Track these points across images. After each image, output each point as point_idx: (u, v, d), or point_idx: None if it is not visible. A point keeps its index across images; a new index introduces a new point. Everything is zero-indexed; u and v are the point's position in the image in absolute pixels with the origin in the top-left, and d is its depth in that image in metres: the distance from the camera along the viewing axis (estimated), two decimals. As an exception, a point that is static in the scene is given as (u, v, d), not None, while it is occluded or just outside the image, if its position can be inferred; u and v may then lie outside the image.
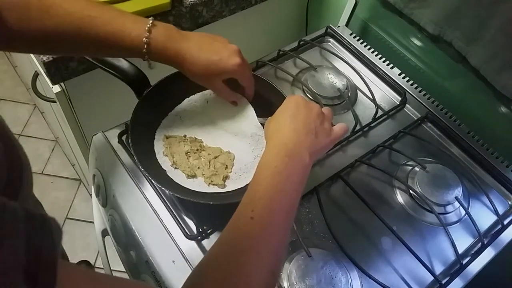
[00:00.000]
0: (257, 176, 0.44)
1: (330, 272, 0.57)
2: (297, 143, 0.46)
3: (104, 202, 0.68)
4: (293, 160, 0.45)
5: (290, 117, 0.49)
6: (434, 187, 0.68)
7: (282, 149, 0.45)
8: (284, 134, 0.47)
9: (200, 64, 0.55)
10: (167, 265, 0.57)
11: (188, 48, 0.54)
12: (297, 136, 0.47)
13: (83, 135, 0.92)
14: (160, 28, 0.53)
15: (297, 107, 0.50)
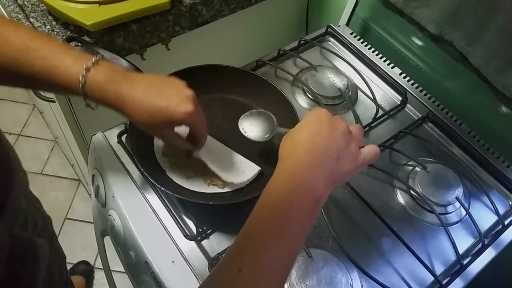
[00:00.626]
0: (256, 213, 0.38)
1: (331, 273, 0.57)
2: (309, 172, 0.39)
3: (103, 202, 0.68)
4: (301, 197, 0.38)
5: (308, 136, 0.41)
6: (435, 187, 0.68)
7: (291, 180, 0.38)
8: (298, 157, 0.40)
9: (144, 111, 0.47)
10: (167, 266, 0.57)
11: (130, 92, 0.47)
12: (312, 162, 0.39)
13: (82, 135, 0.91)
14: (102, 68, 0.46)
15: (319, 124, 0.42)
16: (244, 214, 0.62)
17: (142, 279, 0.60)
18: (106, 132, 0.70)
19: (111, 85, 0.47)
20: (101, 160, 0.66)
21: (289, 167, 0.40)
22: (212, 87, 0.71)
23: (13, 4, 0.76)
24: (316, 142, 0.41)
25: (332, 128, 0.42)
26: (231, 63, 0.72)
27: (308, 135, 0.41)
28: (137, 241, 0.59)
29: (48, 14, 0.75)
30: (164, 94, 0.48)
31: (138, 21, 0.75)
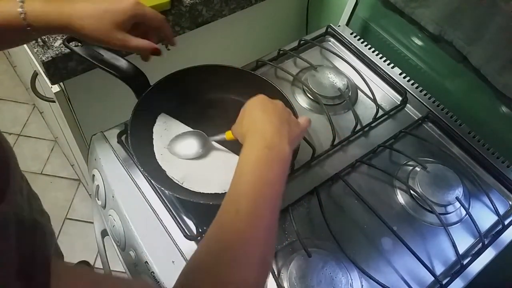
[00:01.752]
0: (239, 170, 0.44)
1: (330, 273, 0.57)
2: (275, 133, 0.45)
3: (103, 202, 0.68)
4: (273, 151, 0.44)
5: (261, 111, 0.48)
6: (435, 187, 0.68)
7: (261, 141, 0.45)
8: (260, 126, 0.46)
9: (91, 16, 0.49)
10: (167, 266, 0.57)
11: (72, 6, 0.49)
12: (274, 126, 0.46)
13: (82, 135, 0.91)
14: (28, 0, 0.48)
15: (264, 103, 0.49)
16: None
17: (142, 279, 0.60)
18: (106, 132, 0.70)
19: (50, 7, 0.48)
20: (101, 160, 0.66)
21: (257, 134, 0.46)
22: (212, 87, 0.71)
23: (13, 4, 0.76)
24: (270, 113, 0.47)
25: (274, 104, 0.49)
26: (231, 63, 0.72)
27: (261, 111, 0.48)
28: (137, 241, 0.59)
29: (48, 14, 0.75)
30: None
31: (138, 21, 0.75)
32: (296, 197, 0.65)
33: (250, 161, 0.43)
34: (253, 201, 0.40)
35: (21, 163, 0.58)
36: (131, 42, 0.54)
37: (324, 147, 0.72)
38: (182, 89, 0.69)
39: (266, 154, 0.43)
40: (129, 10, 0.51)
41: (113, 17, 0.50)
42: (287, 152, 0.45)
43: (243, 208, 0.39)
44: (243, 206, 0.39)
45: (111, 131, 0.69)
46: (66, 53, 0.71)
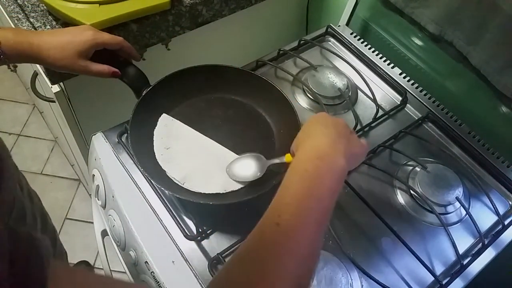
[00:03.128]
0: (286, 181, 0.41)
1: (330, 273, 0.57)
2: (330, 145, 0.43)
3: (103, 203, 0.68)
4: (325, 163, 0.41)
5: (320, 125, 0.47)
6: (435, 187, 0.68)
7: (314, 152, 0.43)
8: (314, 138, 0.45)
9: (56, 47, 0.57)
10: (167, 266, 0.57)
11: (40, 38, 0.57)
12: (330, 139, 0.44)
13: (82, 135, 0.91)
14: (5, 29, 0.56)
15: (325, 118, 0.48)
16: (244, 214, 0.62)
17: (142, 279, 0.60)
18: (106, 132, 0.70)
19: (22, 37, 0.56)
20: (101, 160, 0.66)
21: (310, 146, 0.44)
22: (212, 87, 0.71)
23: (13, 4, 0.76)
24: (329, 127, 0.46)
25: (336, 120, 0.48)
26: (231, 63, 0.72)
27: (320, 124, 0.47)
28: (137, 241, 0.59)
29: (48, 14, 0.75)
30: (67, 31, 0.60)
31: (138, 21, 0.75)
32: (296, 197, 0.65)
33: (298, 172, 0.41)
34: (296, 215, 0.37)
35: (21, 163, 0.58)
36: (92, 68, 0.61)
37: (324, 147, 0.72)
38: (182, 89, 0.69)
39: (317, 165, 0.41)
40: (89, 41, 0.59)
41: (76, 48, 0.58)
42: (341, 165, 0.42)
43: (284, 221, 0.37)
44: (285, 219, 0.37)
45: (111, 131, 0.69)
46: (66, 53, 0.71)
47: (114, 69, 0.62)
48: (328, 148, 0.43)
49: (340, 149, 0.43)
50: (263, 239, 0.37)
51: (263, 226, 0.38)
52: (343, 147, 0.44)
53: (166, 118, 0.67)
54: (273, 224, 0.37)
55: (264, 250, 0.36)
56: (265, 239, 0.37)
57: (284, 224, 0.36)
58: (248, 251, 0.37)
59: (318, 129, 0.46)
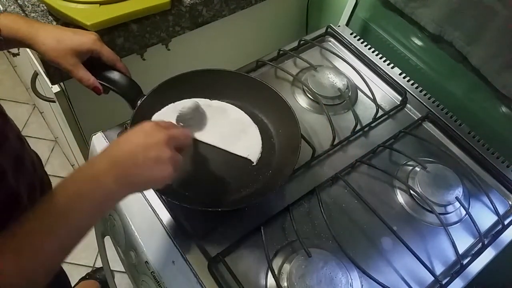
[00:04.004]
0: (64, 180, 0.41)
1: (330, 272, 0.57)
2: (106, 169, 0.40)
3: (103, 202, 0.67)
4: (88, 186, 0.40)
5: (121, 140, 0.43)
6: (435, 187, 0.68)
7: (87, 172, 0.41)
8: (103, 156, 0.42)
9: (54, 37, 0.56)
10: (167, 266, 0.57)
11: (41, 26, 0.57)
12: (111, 163, 0.41)
13: (82, 135, 0.92)
14: (7, 14, 0.57)
15: (137, 132, 0.44)
16: (244, 214, 0.62)
17: (142, 279, 0.60)
18: (106, 132, 0.70)
19: (23, 22, 0.56)
20: (101, 160, 0.66)
21: (92, 161, 0.42)
22: (206, 92, 0.70)
23: (13, 4, 0.76)
24: (124, 145, 0.43)
25: (146, 137, 0.43)
26: (231, 63, 0.72)
27: (122, 139, 0.44)
28: (137, 241, 0.59)
29: (48, 14, 0.75)
30: (72, 29, 0.59)
31: (138, 21, 0.76)
32: (296, 197, 0.65)
33: (70, 177, 0.41)
34: (35, 228, 0.37)
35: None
36: (79, 71, 0.58)
37: (324, 147, 0.72)
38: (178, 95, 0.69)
39: (80, 187, 0.40)
40: (88, 43, 0.58)
41: (72, 44, 0.57)
42: (108, 191, 0.40)
43: (27, 225, 0.37)
44: (29, 224, 0.37)
45: (111, 131, 0.69)
46: (66, 53, 0.71)
47: (97, 85, 0.60)
48: (102, 171, 0.41)
49: (117, 175, 0.41)
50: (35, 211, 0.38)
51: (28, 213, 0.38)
52: (124, 174, 0.41)
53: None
54: (25, 219, 0.37)
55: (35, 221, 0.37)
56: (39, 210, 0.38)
57: (25, 228, 0.37)
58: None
59: (114, 145, 0.43)
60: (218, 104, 0.69)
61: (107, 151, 0.43)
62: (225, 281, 0.56)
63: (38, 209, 0.38)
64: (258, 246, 0.60)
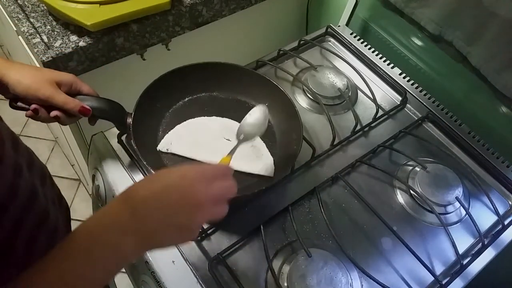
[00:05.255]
0: (80, 227, 0.37)
1: (330, 272, 0.57)
2: (126, 230, 0.36)
3: (103, 203, 0.68)
4: (103, 250, 0.36)
5: (152, 198, 0.37)
6: (435, 187, 0.68)
7: (107, 227, 0.37)
8: (126, 209, 0.37)
9: (29, 70, 0.52)
10: (167, 266, 0.57)
11: (13, 63, 0.53)
12: (135, 224, 0.36)
13: (82, 135, 0.91)
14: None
15: (174, 191, 0.38)
16: (244, 214, 0.62)
17: (142, 279, 0.60)
18: (106, 132, 0.70)
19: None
20: (101, 160, 0.66)
21: (115, 213, 0.37)
22: (211, 85, 0.71)
23: (13, 4, 0.76)
24: (154, 202, 0.37)
25: (182, 195, 0.37)
26: (231, 63, 0.72)
27: (153, 188, 0.37)
28: (137, 241, 0.59)
29: (48, 14, 0.75)
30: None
31: (138, 21, 0.76)
32: (296, 197, 0.65)
33: (88, 228, 0.37)
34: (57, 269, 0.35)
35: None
36: (60, 97, 0.53)
37: (324, 147, 0.72)
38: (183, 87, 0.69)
39: (105, 246, 0.36)
40: (69, 76, 0.55)
41: (53, 75, 0.54)
42: (123, 253, 0.36)
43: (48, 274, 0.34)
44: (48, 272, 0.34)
45: (111, 131, 0.69)
46: (66, 53, 0.71)
47: (85, 106, 0.56)
48: (119, 231, 0.36)
49: (137, 239, 0.36)
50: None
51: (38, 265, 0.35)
52: (145, 237, 0.37)
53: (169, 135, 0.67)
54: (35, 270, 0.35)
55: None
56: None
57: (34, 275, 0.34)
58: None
59: (145, 203, 0.37)
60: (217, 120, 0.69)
61: (135, 204, 0.37)
62: (225, 281, 0.56)
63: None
64: (258, 246, 0.60)
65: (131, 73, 0.85)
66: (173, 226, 0.37)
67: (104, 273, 0.37)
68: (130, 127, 0.60)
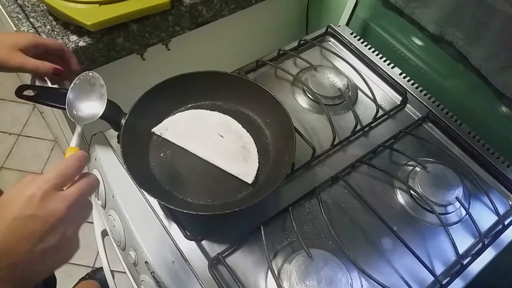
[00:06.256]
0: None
1: (331, 273, 0.57)
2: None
3: (103, 202, 0.68)
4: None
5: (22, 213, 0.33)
6: (435, 187, 0.68)
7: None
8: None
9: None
10: (167, 266, 0.57)
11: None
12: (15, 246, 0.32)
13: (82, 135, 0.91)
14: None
15: (24, 208, 0.33)
16: (244, 214, 0.62)
17: (142, 279, 0.60)
18: (106, 132, 0.70)
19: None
20: (101, 160, 0.66)
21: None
22: (216, 94, 0.70)
23: (13, 4, 0.76)
24: (11, 235, 0.32)
25: (38, 221, 0.33)
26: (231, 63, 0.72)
27: (5, 220, 0.32)
28: (137, 241, 0.59)
29: (48, 14, 0.75)
30: (2, 33, 0.54)
31: (138, 21, 0.75)
32: (296, 197, 0.65)
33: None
34: None
35: (21, 163, 0.57)
36: (29, 63, 0.54)
37: (324, 147, 0.72)
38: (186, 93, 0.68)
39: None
40: (29, 37, 0.54)
41: (13, 40, 0.53)
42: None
43: None
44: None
45: (111, 131, 0.69)
46: (66, 53, 0.71)
47: (57, 67, 0.55)
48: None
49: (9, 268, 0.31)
50: None
51: None
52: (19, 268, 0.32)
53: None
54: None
55: None
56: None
57: None
58: None
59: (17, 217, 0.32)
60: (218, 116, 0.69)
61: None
62: (225, 281, 0.56)
63: None
64: (258, 246, 0.60)
65: (131, 73, 0.85)
66: (47, 250, 0.33)
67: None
68: (121, 128, 0.60)
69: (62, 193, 0.35)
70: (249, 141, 0.66)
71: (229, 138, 0.66)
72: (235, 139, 0.66)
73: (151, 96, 0.64)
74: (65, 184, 0.36)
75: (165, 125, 0.66)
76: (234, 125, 0.68)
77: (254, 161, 0.64)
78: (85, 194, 0.37)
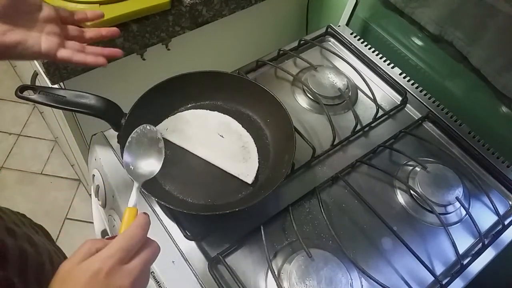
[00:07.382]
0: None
1: (331, 273, 0.57)
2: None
3: (103, 202, 0.68)
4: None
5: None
6: (435, 187, 0.68)
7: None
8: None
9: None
10: (167, 266, 0.57)
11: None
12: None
13: (82, 135, 0.91)
14: None
15: (96, 275, 0.33)
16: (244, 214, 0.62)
17: (142, 279, 0.60)
18: (106, 132, 0.70)
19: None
20: (101, 160, 0.66)
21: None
22: (216, 94, 0.70)
23: (13, 4, 0.76)
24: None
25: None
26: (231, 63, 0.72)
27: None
28: (137, 241, 0.59)
29: (48, 14, 0.75)
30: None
31: (138, 21, 0.75)
32: (296, 197, 0.65)
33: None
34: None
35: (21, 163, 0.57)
36: (11, 36, 0.44)
37: (324, 147, 0.72)
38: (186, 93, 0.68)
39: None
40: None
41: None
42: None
43: None
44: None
45: (111, 131, 0.69)
46: (66, 53, 0.70)
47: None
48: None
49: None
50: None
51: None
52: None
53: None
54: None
55: None
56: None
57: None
58: None
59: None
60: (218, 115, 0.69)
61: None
62: (225, 281, 0.56)
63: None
64: (258, 246, 0.60)
65: (131, 73, 0.85)
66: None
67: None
68: (121, 128, 0.60)
69: (127, 267, 0.34)
70: (249, 141, 0.66)
71: (229, 138, 0.66)
72: (235, 139, 0.66)
73: (151, 96, 0.64)
74: (129, 257, 0.35)
75: (165, 125, 0.66)
76: (234, 125, 0.68)
77: (254, 161, 0.64)
78: (148, 265, 0.36)
